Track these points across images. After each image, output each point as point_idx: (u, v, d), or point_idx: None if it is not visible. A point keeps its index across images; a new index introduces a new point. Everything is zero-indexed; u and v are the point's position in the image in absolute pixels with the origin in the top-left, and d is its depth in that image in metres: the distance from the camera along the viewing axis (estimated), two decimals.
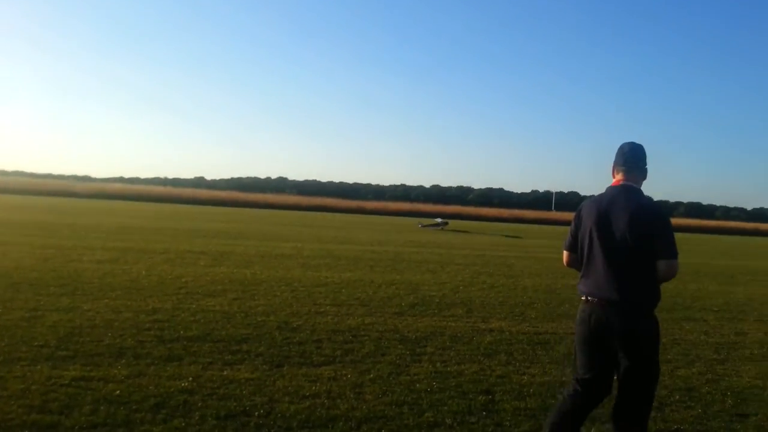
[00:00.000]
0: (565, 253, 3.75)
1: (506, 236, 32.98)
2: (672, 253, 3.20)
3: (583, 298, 3.46)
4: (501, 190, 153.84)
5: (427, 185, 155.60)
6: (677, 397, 5.19)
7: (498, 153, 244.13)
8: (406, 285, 11.06)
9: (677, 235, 3.38)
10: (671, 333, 7.94)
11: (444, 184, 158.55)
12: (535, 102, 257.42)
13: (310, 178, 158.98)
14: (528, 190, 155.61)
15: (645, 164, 3.53)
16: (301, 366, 5.52)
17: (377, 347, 6.35)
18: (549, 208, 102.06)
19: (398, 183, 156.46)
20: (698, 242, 39.45)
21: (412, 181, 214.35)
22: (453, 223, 44.05)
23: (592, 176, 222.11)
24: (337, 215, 53.43)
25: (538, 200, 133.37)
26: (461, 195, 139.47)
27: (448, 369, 5.69)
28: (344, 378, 5.22)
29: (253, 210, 53.37)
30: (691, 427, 4.51)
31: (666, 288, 11.30)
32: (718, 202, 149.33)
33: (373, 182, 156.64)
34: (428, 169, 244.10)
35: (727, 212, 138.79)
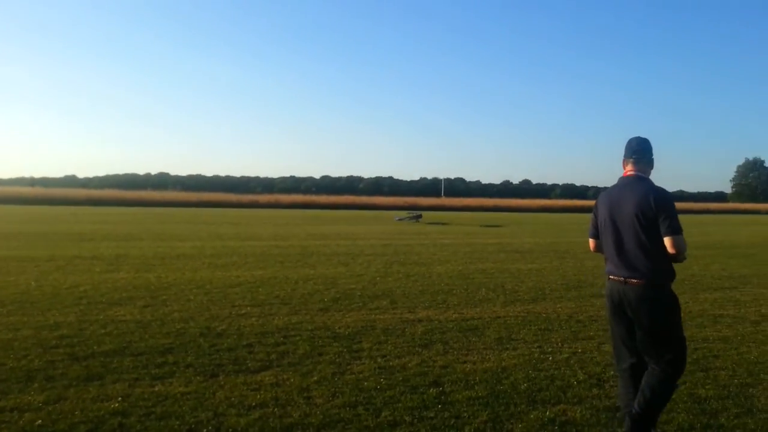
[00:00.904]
0: (590, 240, 4.16)
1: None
2: (676, 229, 3.54)
3: (607, 277, 3.90)
4: (390, 178, 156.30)
5: (317, 176, 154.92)
6: (611, 373, 5.40)
7: (386, 142, 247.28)
8: (323, 279, 10.84)
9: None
10: (586, 311, 8.35)
11: (334, 174, 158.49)
12: (419, 91, 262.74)
13: (194, 172, 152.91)
14: (417, 178, 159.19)
15: (651, 156, 3.92)
16: (237, 374, 5.19)
17: (312, 347, 6.13)
18: (439, 195, 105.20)
19: (287, 175, 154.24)
20: (578, 221, 42.08)
21: (301, 172, 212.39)
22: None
23: (477, 163, 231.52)
24: (231, 210, 51.64)
25: (427, 187, 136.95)
26: (352, 185, 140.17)
27: (391, 363, 5.59)
28: (287, 383, 4.97)
29: (137, 209, 50.32)
30: None
31: (567, 267, 11.75)
32: (589, 183, 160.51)
33: (262, 174, 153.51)
34: (317, 160, 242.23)
35: (598, 192, 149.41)
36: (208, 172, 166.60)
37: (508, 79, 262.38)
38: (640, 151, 3.87)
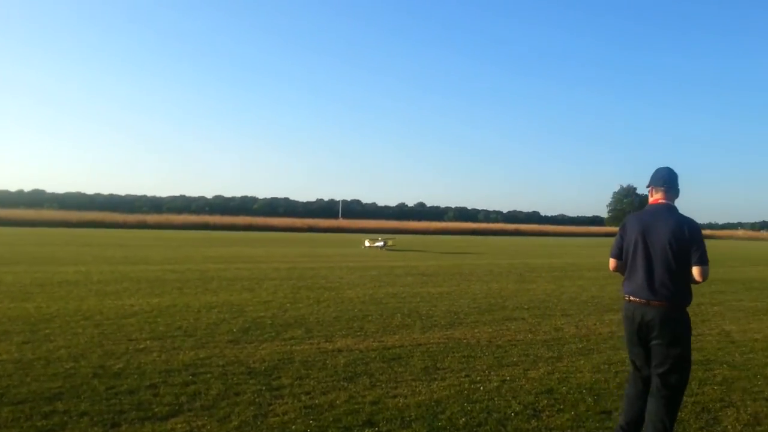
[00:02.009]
0: (612, 260, 4.32)
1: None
2: (705, 260, 3.86)
3: (626, 298, 4.10)
4: (286, 199, 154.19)
5: (209, 196, 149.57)
6: (545, 401, 5.28)
7: (281, 162, 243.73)
8: (228, 307, 10.12)
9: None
10: (503, 335, 8.29)
11: (226, 194, 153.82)
12: (315, 111, 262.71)
13: (73, 189, 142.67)
14: (313, 199, 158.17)
15: (678, 185, 4.19)
16: (143, 422, 4.52)
17: (226, 386, 5.54)
18: (336, 216, 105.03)
19: (177, 194, 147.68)
20: (474, 243, 43.36)
21: (191, 191, 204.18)
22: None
23: (372, 185, 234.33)
24: (116, 231, 48.44)
25: (323, 209, 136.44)
26: (246, 205, 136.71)
27: (317, 401, 5.13)
28: (204, 430, 4.38)
29: (6, 228, 45.92)
30: (573, 431, 4.57)
31: (475, 290, 11.75)
32: (479, 206, 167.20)
33: (149, 193, 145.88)
34: (208, 180, 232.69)
35: (487, 215, 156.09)
36: (89, 189, 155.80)
37: (405, 103, 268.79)
38: (669, 181, 4.15)
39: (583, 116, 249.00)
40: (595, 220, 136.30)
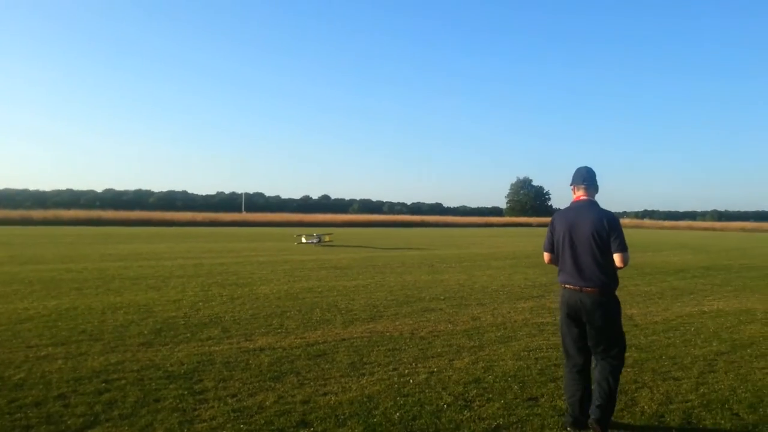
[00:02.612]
0: (545, 254, 4.78)
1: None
2: (624, 247, 4.32)
3: (562, 286, 4.57)
4: (184, 192, 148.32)
5: (99, 189, 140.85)
6: (474, 391, 5.37)
7: (177, 154, 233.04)
8: (135, 308, 9.55)
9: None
10: (424, 326, 8.37)
11: (119, 187, 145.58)
12: (213, 100, 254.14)
13: None
14: (213, 192, 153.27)
15: (596, 181, 4.64)
16: None
17: (144, 392, 5.20)
18: (239, 210, 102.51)
19: (63, 188, 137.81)
20: (379, 235, 43.72)
21: (79, 185, 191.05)
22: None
23: (276, 178, 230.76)
24: None
25: (225, 202, 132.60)
26: (141, 199, 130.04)
27: (245, 404, 4.94)
28: None
29: None
30: (505, 420, 4.67)
31: (391, 282, 11.76)
32: (384, 198, 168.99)
33: (31, 187, 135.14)
34: (98, 172, 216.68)
35: (392, 207, 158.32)
36: None
37: (308, 91, 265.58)
38: (589, 179, 4.61)
39: (480, 115, 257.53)
40: (495, 211, 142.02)
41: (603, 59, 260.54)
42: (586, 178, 4.61)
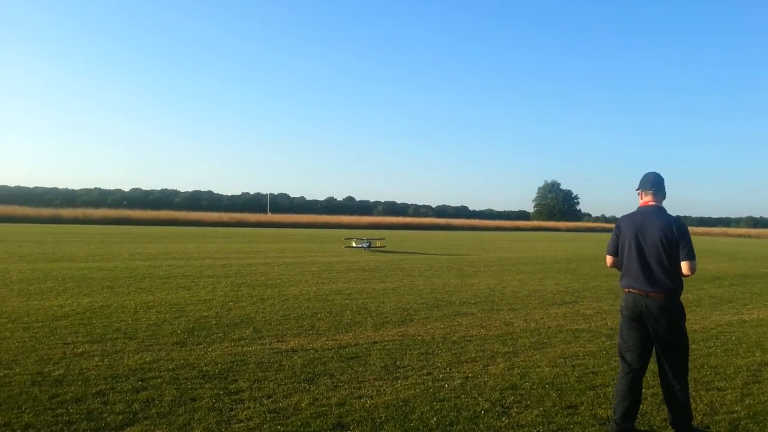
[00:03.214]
0: (609, 257, 4.81)
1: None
2: (693, 255, 4.33)
3: (626, 290, 4.56)
4: (210, 192, 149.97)
5: (126, 189, 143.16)
6: (511, 398, 5.27)
7: (203, 155, 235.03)
8: (167, 307, 9.64)
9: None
10: (456, 331, 8.27)
11: (145, 187, 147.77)
12: (236, 100, 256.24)
13: None
14: (238, 193, 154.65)
15: (664, 188, 4.63)
16: None
17: (180, 391, 5.22)
18: (264, 211, 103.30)
19: (91, 186, 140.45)
20: (406, 237, 43.60)
21: (106, 184, 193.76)
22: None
23: (299, 179, 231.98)
24: (28, 226, 45.43)
25: (249, 202, 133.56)
26: (167, 198, 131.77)
27: (280, 405, 4.91)
28: None
29: None
30: (544, 427, 4.56)
31: (420, 285, 11.65)
32: (408, 201, 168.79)
33: (60, 186, 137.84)
34: (125, 171, 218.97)
35: (417, 209, 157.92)
36: None
37: (336, 88, 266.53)
38: (657, 185, 4.60)
39: (505, 116, 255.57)
40: (521, 215, 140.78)
41: (639, 50, 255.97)
42: (654, 184, 4.60)
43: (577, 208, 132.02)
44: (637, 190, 4.70)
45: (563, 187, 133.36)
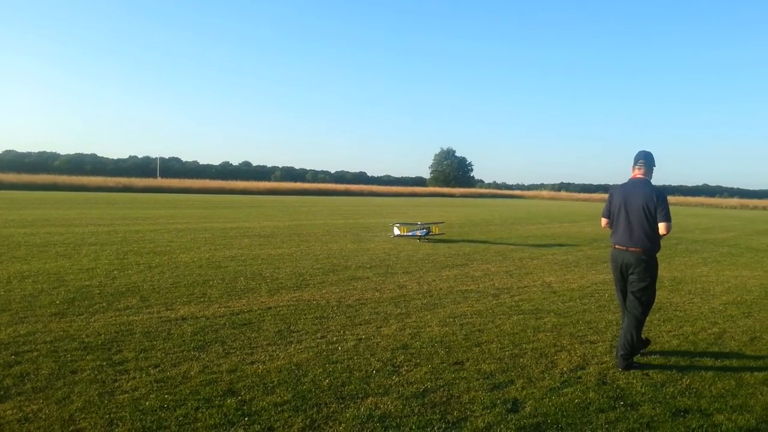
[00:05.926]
0: (603, 219, 5.85)
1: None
2: (669, 218, 5.28)
3: (613, 246, 5.59)
4: (94, 155, 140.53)
5: None
6: (402, 357, 5.46)
7: (85, 114, 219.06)
8: (45, 276, 9.03)
9: None
10: (351, 294, 8.40)
11: (21, 149, 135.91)
12: (123, 63, 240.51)
13: None
14: (125, 156, 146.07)
15: (654, 164, 5.61)
16: None
17: (59, 364, 4.95)
18: (153, 175, 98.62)
19: None
20: (305, 203, 43.29)
21: None
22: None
23: (192, 142, 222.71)
24: None
25: (137, 166, 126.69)
26: (44, 162, 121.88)
27: (168, 374, 4.79)
28: (41, 416, 3.88)
29: None
30: (432, 383, 4.77)
31: (316, 250, 11.72)
32: (307, 166, 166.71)
33: None
34: None
35: (315, 175, 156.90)
36: None
37: (226, 52, 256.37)
38: (646, 161, 5.57)
39: (406, 86, 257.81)
40: (418, 181, 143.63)
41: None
42: (643, 160, 5.57)
43: (471, 175, 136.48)
44: (633, 165, 5.63)
45: (458, 154, 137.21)
